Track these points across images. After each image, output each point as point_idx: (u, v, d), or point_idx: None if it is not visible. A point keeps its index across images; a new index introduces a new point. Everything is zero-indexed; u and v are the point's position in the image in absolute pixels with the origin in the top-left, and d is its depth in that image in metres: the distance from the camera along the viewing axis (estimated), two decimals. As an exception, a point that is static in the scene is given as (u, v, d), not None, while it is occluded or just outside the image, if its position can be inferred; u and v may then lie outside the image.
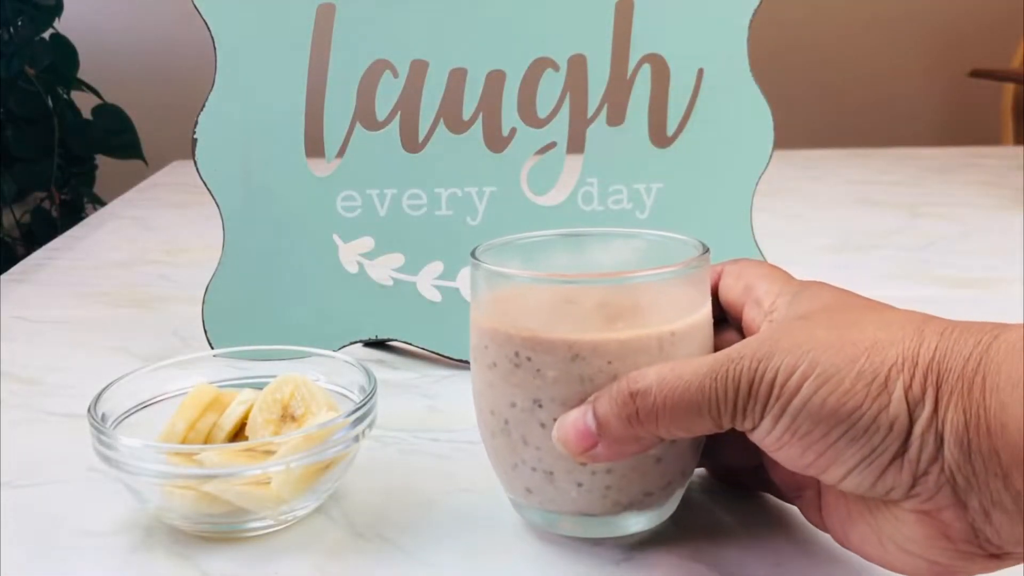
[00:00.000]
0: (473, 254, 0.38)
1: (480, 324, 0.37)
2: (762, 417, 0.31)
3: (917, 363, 0.29)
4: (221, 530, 0.38)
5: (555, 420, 0.35)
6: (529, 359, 0.35)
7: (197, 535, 0.39)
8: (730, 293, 0.38)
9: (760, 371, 0.31)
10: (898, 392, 0.29)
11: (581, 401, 0.35)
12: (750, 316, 0.37)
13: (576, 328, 0.35)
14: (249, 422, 0.41)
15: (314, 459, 0.37)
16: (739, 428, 0.32)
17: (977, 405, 0.28)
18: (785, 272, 0.38)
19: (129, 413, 0.42)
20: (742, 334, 0.38)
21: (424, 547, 0.38)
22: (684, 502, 0.40)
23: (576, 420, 0.34)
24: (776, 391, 0.31)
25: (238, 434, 0.42)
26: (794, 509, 0.40)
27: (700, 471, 0.42)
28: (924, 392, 0.29)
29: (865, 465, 0.30)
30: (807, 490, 0.36)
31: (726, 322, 0.39)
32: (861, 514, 0.32)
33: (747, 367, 0.31)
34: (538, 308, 0.36)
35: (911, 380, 0.29)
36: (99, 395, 0.40)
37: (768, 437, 0.31)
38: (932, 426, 0.29)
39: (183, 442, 0.41)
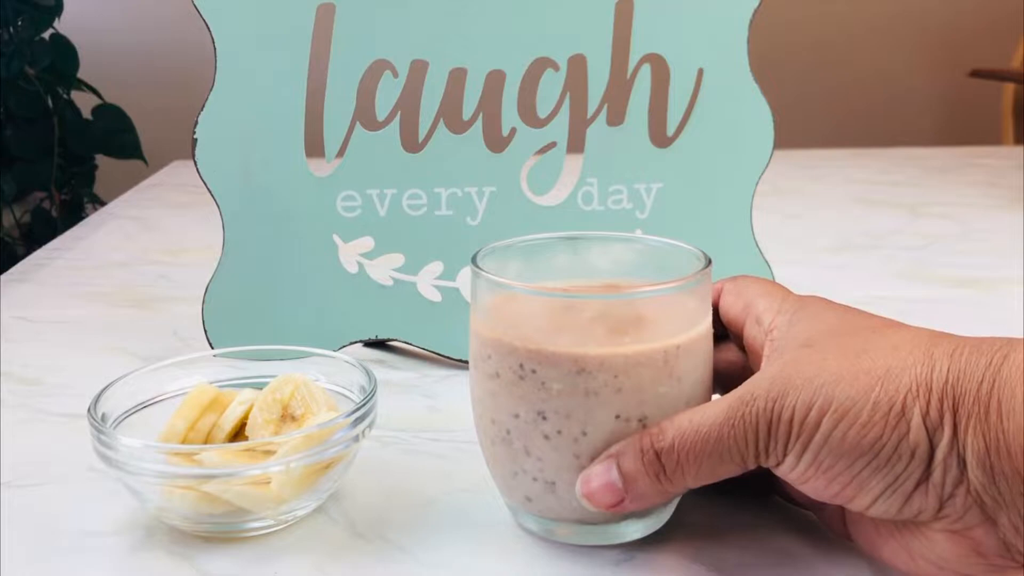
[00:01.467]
0: (474, 261, 0.38)
1: (482, 333, 0.37)
2: (785, 455, 0.31)
3: (931, 388, 0.29)
4: (221, 530, 0.38)
5: (559, 432, 0.35)
6: (534, 372, 0.35)
7: (197, 535, 0.39)
8: (730, 311, 0.39)
9: (776, 411, 0.31)
10: (916, 419, 0.29)
11: (584, 413, 0.35)
12: (751, 334, 0.37)
13: (580, 341, 0.35)
14: (249, 422, 0.41)
15: (314, 459, 0.37)
16: (764, 466, 0.32)
17: (995, 429, 0.28)
18: (784, 288, 0.38)
19: (129, 413, 0.42)
20: (744, 351, 0.38)
21: (424, 547, 0.38)
22: (684, 503, 0.40)
23: (601, 476, 0.34)
24: (795, 429, 0.31)
25: (238, 434, 0.42)
26: (791, 510, 0.40)
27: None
28: (942, 417, 0.29)
29: (890, 492, 0.30)
30: (829, 504, 0.36)
31: (727, 339, 0.39)
32: (890, 532, 0.32)
33: (762, 408, 0.32)
34: (540, 317, 0.36)
35: (927, 406, 0.29)
36: (99, 395, 0.40)
37: (792, 472, 0.32)
38: (953, 450, 0.29)
39: (183, 442, 0.41)
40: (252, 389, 0.43)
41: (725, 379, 0.39)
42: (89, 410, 0.39)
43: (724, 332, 0.39)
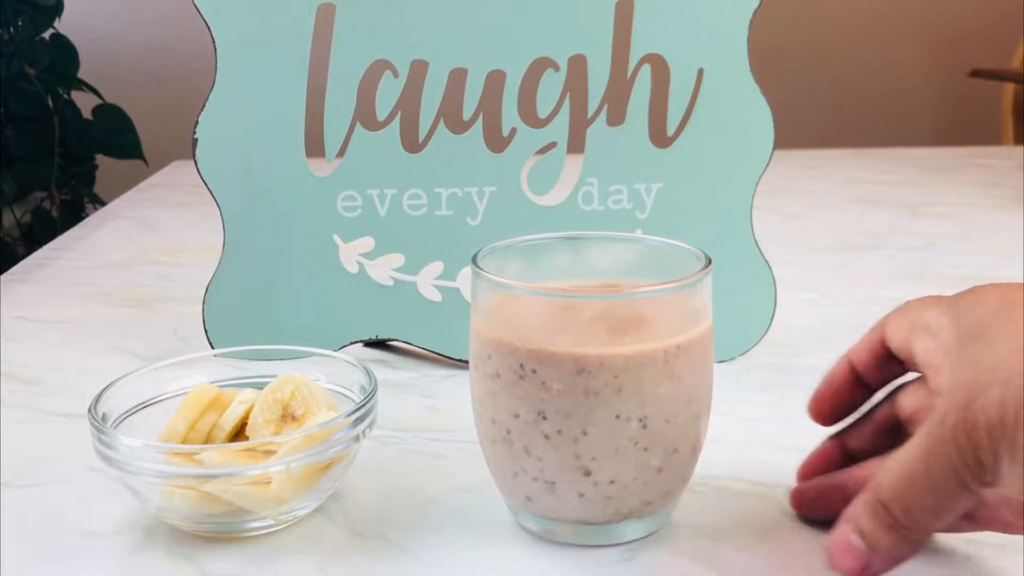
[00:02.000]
0: (474, 261, 0.38)
1: (482, 333, 0.37)
2: (997, 463, 0.29)
3: None
4: (221, 530, 0.38)
5: (559, 432, 0.35)
6: (534, 372, 0.35)
7: (197, 535, 0.39)
8: (896, 335, 0.36)
9: (970, 420, 0.29)
10: None
11: (585, 413, 0.35)
12: (923, 347, 0.34)
13: (581, 341, 0.35)
14: (249, 422, 0.41)
15: (314, 459, 0.37)
16: (989, 484, 0.30)
17: None
18: (939, 295, 0.36)
19: (129, 413, 0.42)
20: (926, 380, 0.36)
21: (424, 547, 0.38)
22: (683, 503, 0.40)
23: (841, 542, 0.32)
24: (996, 432, 0.29)
25: (238, 434, 0.42)
26: (792, 511, 0.40)
27: (698, 473, 0.42)
28: None
29: None
30: None
31: (920, 380, 0.37)
32: None
33: (955, 422, 0.30)
34: (540, 317, 0.36)
35: None
36: (99, 395, 0.40)
37: (1017, 481, 0.29)
38: None
39: (183, 442, 0.41)
40: (252, 389, 0.43)
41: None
42: (89, 410, 0.39)
43: (907, 369, 0.37)
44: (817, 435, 0.47)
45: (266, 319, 0.56)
